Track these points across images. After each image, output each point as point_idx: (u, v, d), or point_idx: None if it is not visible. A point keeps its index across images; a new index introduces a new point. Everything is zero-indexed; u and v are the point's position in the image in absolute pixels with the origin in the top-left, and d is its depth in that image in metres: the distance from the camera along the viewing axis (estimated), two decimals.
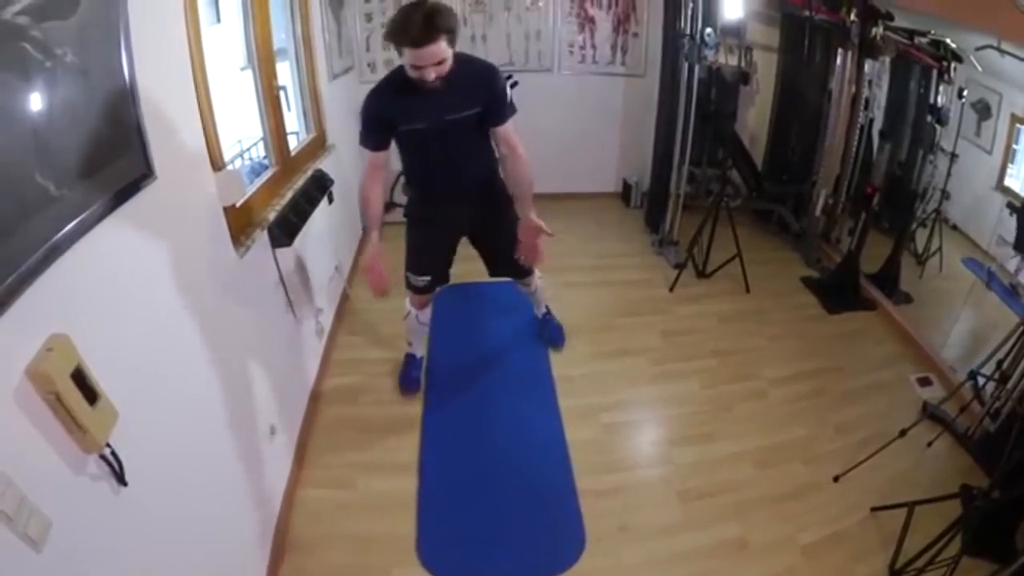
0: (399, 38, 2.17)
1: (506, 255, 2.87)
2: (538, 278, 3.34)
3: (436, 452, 2.91)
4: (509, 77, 4.92)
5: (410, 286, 2.98)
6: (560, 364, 3.52)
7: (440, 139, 2.54)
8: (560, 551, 2.45)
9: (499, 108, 2.56)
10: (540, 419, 3.13)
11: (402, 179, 2.92)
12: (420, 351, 3.39)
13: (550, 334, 3.65)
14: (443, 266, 3.00)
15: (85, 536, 1.26)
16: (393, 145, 2.62)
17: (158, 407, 1.61)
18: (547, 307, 3.68)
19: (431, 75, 2.22)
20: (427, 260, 2.93)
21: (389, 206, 5.36)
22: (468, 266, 3.15)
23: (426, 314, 3.19)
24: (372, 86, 2.54)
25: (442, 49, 2.19)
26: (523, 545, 2.48)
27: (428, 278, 2.93)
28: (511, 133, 2.63)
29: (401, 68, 2.35)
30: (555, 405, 3.21)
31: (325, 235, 3.29)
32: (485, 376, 3.44)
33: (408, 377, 3.29)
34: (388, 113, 2.49)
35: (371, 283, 2.69)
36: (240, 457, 2.16)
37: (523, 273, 3.14)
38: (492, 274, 3.14)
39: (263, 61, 2.87)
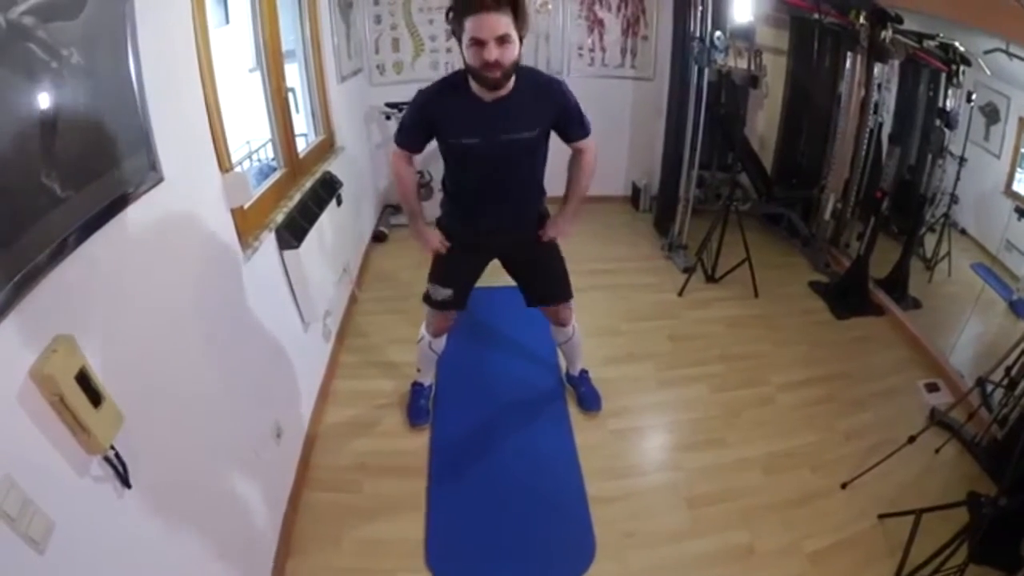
0: (463, 4, 1.96)
1: (545, 285, 2.78)
2: (574, 325, 3.02)
3: (445, 456, 2.90)
4: None
5: (429, 300, 2.75)
6: None
7: (494, 161, 2.32)
8: (570, 559, 2.44)
9: (575, 122, 2.39)
10: (550, 425, 3.11)
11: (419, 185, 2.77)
12: (428, 379, 3.21)
13: (585, 398, 3.22)
14: (468, 286, 2.77)
15: (88, 538, 1.26)
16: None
17: (163, 409, 1.62)
18: (585, 369, 3.30)
19: (493, 54, 1.98)
20: (453, 276, 2.70)
21: (398, 208, 5.38)
22: None
23: (439, 343, 2.98)
24: (381, 88, 2.45)
25: (508, 23, 1.96)
26: (533, 552, 2.46)
27: (450, 292, 2.69)
28: (592, 149, 2.52)
29: (454, 74, 2.21)
30: (565, 411, 3.19)
31: (333, 237, 3.29)
32: (494, 380, 3.42)
33: (416, 408, 3.13)
34: (434, 118, 2.27)
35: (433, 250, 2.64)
36: (245, 459, 2.17)
37: (563, 297, 2.84)
38: (530, 304, 2.86)
39: (272, 63, 2.88)
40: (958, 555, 2.09)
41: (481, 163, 2.35)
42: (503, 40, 1.98)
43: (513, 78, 2.15)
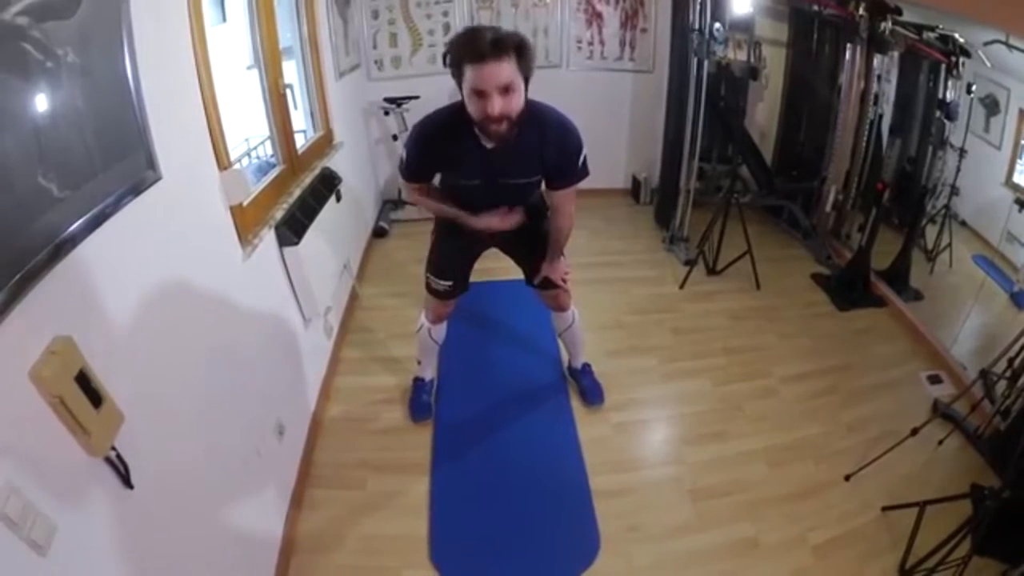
0: (462, 52, 1.85)
1: (542, 256, 2.71)
2: (574, 311, 3.00)
3: (448, 451, 2.90)
4: None
5: (430, 290, 2.76)
6: None
7: (493, 196, 2.34)
8: (574, 554, 2.43)
9: (566, 174, 2.25)
10: (552, 419, 3.11)
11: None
12: (429, 373, 3.21)
13: (588, 391, 3.20)
14: (466, 273, 2.77)
15: (91, 540, 1.26)
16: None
17: (164, 408, 1.61)
18: (587, 362, 3.29)
19: (497, 106, 1.88)
20: (450, 266, 2.70)
21: (399, 203, 5.38)
22: (477, 265, 3.10)
23: (439, 331, 2.98)
24: (380, 84, 2.40)
25: (511, 71, 1.86)
26: (537, 547, 2.46)
27: (450, 283, 2.71)
28: (570, 200, 2.40)
29: (458, 108, 2.02)
30: (567, 405, 3.19)
31: (333, 233, 3.28)
32: (497, 374, 3.42)
33: (418, 403, 3.12)
34: (435, 159, 2.22)
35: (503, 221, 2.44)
36: (247, 457, 2.16)
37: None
38: (529, 280, 2.81)
39: (269, 60, 2.87)
40: (962, 547, 2.09)
41: (479, 196, 2.36)
42: (507, 89, 1.88)
43: None
